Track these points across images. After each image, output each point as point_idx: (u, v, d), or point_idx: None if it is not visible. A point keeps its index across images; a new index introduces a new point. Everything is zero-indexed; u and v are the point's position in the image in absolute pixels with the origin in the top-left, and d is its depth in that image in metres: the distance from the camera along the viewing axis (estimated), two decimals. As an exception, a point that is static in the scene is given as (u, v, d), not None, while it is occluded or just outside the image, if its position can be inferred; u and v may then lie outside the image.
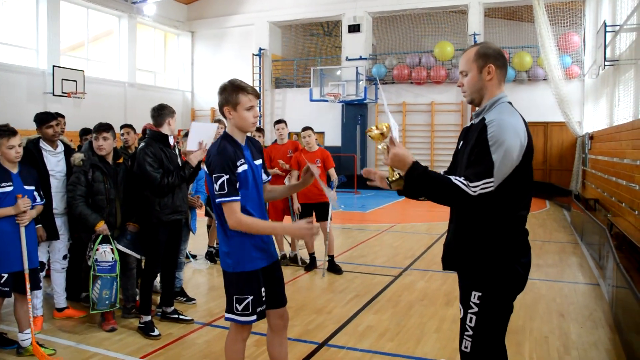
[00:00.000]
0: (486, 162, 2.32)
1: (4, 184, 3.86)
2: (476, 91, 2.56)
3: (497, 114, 2.44)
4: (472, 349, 2.56)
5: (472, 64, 2.54)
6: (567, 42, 16.46)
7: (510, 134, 2.34)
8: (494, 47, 2.58)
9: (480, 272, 2.51)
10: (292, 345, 4.35)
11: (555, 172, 17.71)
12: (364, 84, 19.15)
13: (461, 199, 2.33)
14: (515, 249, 2.50)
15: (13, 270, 3.90)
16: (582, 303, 5.68)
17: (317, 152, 6.95)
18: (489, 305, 2.51)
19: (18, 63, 16.09)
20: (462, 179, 2.33)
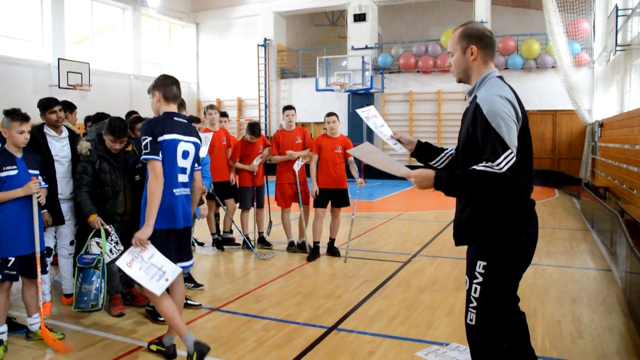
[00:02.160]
0: (495, 138, 2.33)
1: (9, 167, 3.85)
2: (462, 71, 2.64)
3: (485, 90, 2.49)
4: (477, 321, 2.56)
5: (457, 45, 2.61)
6: (577, 28, 16.25)
7: (501, 103, 2.38)
8: (478, 27, 2.61)
9: (486, 243, 2.52)
10: (301, 329, 4.32)
11: (564, 161, 17.57)
12: (370, 74, 19.03)
13: (493, 181, 2.32)
14: (520, 219, 2.51)
15: (20, 253, 3.88)
16: (594, 288, 5.61)
17: (339, 138, 6.91)
18: (494, 275, 2.51)
19: (24, 56, 16.09)
20: (483, 163, 2.33)
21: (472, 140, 2.47)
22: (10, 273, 3.84)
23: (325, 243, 7.08)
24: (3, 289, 3.87)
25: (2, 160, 3.85)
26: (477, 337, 2.60)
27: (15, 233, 3.84)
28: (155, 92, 3.78)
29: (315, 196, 6.84)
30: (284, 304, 5.00)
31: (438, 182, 2.44)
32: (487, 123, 2.35)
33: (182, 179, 3.72)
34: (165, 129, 3.63)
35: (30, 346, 4.01)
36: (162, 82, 3.80)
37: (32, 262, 3.94)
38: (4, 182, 3.82)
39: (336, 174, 6.79)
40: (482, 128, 2.37)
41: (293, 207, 7.35)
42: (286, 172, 7.14)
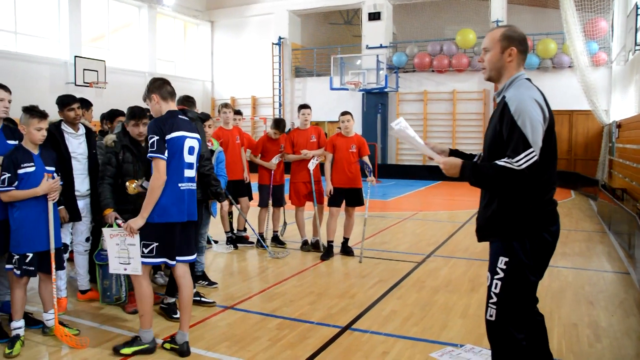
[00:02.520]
0: (518, 136, 2.41)
1: (26, 164, 3.89)
2: (495, 69, 2.70)
3: (514, 90, 2.57)
4: (497, 316, 2.61)
5: (497, 43, 2.67)
6: (594, 27, 16.05)
7: (529, 103, 2.46)
8: (520, 31, 2.71)
9: (509, 239, 2.57)
10: (315, 329, 4.31)
11: (581, 162, 17.38)
12: (384, 73, 18.96)
13: (511, 177, 2.41)
14: (543, 217, 2.58)
15: (38, 250, 3.91)
16: (612, 291, 5.54)
17: (354, 137, 6.89)
18: (515, 271, 2.56)
19: (41, 54, 16.25)
20: (504, 159, 2.43)
21: (498, 138, 2.54)
22: (28, 269, 3.89)
23: (339, 242, 7.07)
24: (21, 284, 3.91)
25: (20, 158, 3.88)
26: (496, 333, 2.64)
27: (32, 229, 3.87)
28: (152, 96, 3.85)
29: (330, 195, 6.83)
30: (298, 303, 4.99)
31: (463, 171, 2.55)
32: (513, 121, 2.44)
33: (189, 174, 3.86)
34: (173, 127, 3.76)
35: (47, 341, 4.04)
36: (154, 85, 3.88)
37: (48, 258, 3.98)
38: (21, 179, 3.86)
39: (351, 173, 6.77)
40: (508, 126, 2.46)
41: (307, 206, 7.34)
42: (301, 171, 7.14)
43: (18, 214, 3.86)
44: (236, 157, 7.21)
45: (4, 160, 3.87)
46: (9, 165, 3.84)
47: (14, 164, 3.85)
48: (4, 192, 3.81)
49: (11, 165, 3.84)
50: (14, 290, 3.92)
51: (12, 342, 3.80)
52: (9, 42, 15.68)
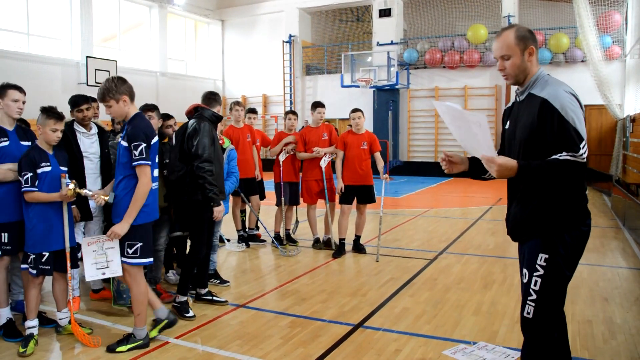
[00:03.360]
0: (572, 130, 2.45)
1: (44, 164, 3.93)
2: (521, 72, 2.68)
3: (550, 86, 2.58)
4: (534, 314, 2.61)
5: (515, 47, 2.64)
6: (608, 21, 15.82)
7: (570, 100, 2.52)
8: (526, 27, 2.72)
9: (550, 235, 2.59)
10: (327, 326, 4.30)
11: (594, 157, 17.18)
12: (395, 69, 18.88)
13: (576, 169, 2.44)
14: (581, 212, 2.61)
15: (53, 249, 3.95)
16: (627, 288, 5.47)
17: (365, 135, 6.88)
18: (556, 267, 2.58)
19: (53, 54, 16.39)
20: (564, 153, 2.43)
21: (537, 134, 2.55)
22: (45, 268, 3.93)
23: (350, 240, 7.05)
24: (36, 283, 3.94)
25: (38, 157, 3.92)
26: (534, 331, 2.63)
27: (48, 229, 3.90)
28: (122, 97, 3.81)
29: (341, 193, 6.82)
30: (310, 301, 4.99)
31: (522, 171, 2.46)
32: (562, 117, 2.47)
33: (156, 174, 3.97)
34: (153, 132, 3.89)
35: (60, 340, 4.08)
36: (124, 86, 3.86)
37: (63, 257, 4.01)
38: (40, 178, 3.89)
39: (362, 171, 6.75)
40: (557, 123, 2.47)
41: (319, 204, 7.33)
42: (313, 168, 7.13)
43: (34, 213, 3.89)
44: (247, 155, 7.22)
45: (22, 160, 3.90)
46: (28, 164, 3.88)
47: (33, 163, 3.88)
48: (28, 192, 3.85)
49: (30, 164, 3.88)
50: (28, 290, 3.95)
51: (26, 341, 3.83)
52: (21, 43, 15.83)
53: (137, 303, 3.90)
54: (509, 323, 4.34)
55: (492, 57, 18.25)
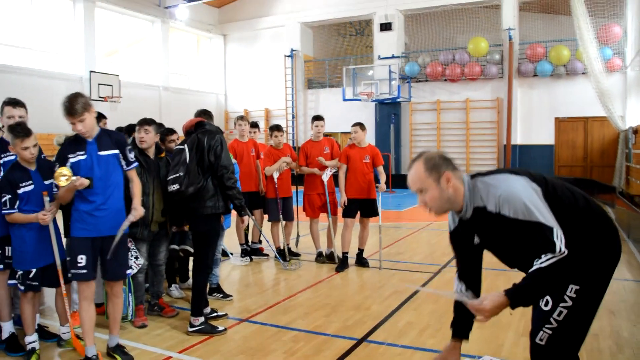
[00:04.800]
0: (539, 227, 2.28)
1: (25, 183, 3.82)
2: (445, 202, 2.48)
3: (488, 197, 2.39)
4: (548, 342, 2.44)
5: (427, 179, 2.45)
6: (608, 33, 15.90)
7: (518, 193, 2.33)
8: (433, 152, 2.52)
9: (580, 265, 2.40)
10: (330, 341, 4.27)
11: (597, 169, 17.17)
12: (397, 83, 18.95)
13: (562, 266, 2.27)
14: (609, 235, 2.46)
15: (40, 265, 3.88)
16: (634, 300, 5.43)
17: (367, 148, 6.89)
18: (586, 299, 2.41)
19: (57, 69, 16.49)
20: (546, 257, 2.27)
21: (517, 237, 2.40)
22: (32, 284, 3.87)
23: (354, 254, 7.03)
24: (27, 298, 3.90)
25: (18, 177, 3.80)
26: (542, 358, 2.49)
27: (36, 246, 3.84)
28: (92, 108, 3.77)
29: (344, 206, 6.81)
30: (313, 315, 4.96)
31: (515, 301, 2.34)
32: (519, 221, 2.30)
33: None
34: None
35: (62, 355, 4.05)
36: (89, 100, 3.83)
37: (54, 272, 3.93)
38: (22, 199, 3.79)
39: (365, 184, 6.75)
40: (520, 228, 2.32)
41: (321, 218, 7.31)
42: (315, 182, 7.12)
43: (19, 232, 3.82)
44: (251, 169, 7.22)
45: (2, 181, 3.81)
46: (7, 186, 3.77)
47: (11, 184, 3.77)
48: (8, 214, 3.78)
49: (9, 185, 3.77)
50: (22, 306, 3.93)
51: (28, 356, 3.82)
52: (25, 58, 15.93)
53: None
54: (514, 336, 4.30)
55: (493, 70, 18.46)
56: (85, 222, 3.72)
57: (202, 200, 4.51)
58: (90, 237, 3.74)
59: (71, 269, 3.75)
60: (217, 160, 4.50)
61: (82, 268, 3.71)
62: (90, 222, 3.73)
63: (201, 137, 4.57)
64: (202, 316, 4.50)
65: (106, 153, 3.78)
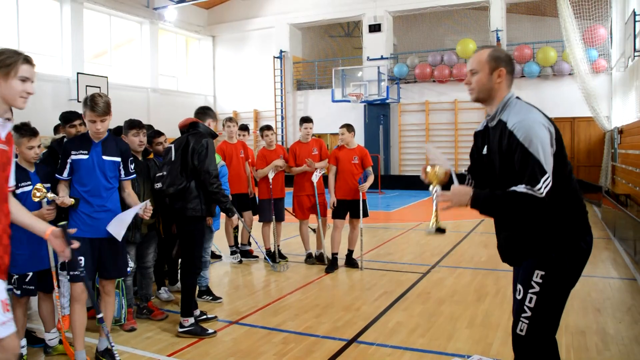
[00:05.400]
0: (533, 162, 2.38)
1: (23, 183, 3.81)
2: (485, 91, 2.64)
3: (516, 115, 2.51)
4: (527, 331, 2.54)
5: (485, 64, 2.62)
6: (593, 35, 16.08)
7: (537, 127, 2.43)
8: (506, 52, 2.68)
9: (546, 252, 2.52)
10: (320, 342, 4.28)
11: (584, 168, 17.33)
12: (386, 84, 19.02)
13: (533, 204, 2.39)
14: (579, 227, 2.55)
15: (37, 269, 3.87)
16: (619, 298, 5.50)
17: (356, 149, 6.91)
18: (552, 285, 2.52)
19: (44, 71, 16.34)
20: (523, 186, 2.38)
21: (509, 164, 2.51)
22: (28, 288, 3.86)
23: (343, 255, 7.05)
24: (21, 303, 3.89)
25: (17, 177, 3.77)
26: (526, 348, 2.57)
27: (32, 249, 3.81)
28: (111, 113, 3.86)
29: (334, 207, 6.83)
30: (303, 316, 4.97)
31: (476, 200, 2.48)
32: (524, 148, 2.40)
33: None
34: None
35: (51, 360, 4.03)
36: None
37: (48, 277, 3.93)
38: (20, 199, 3.78)
39: (354, 185, 6.77)
40: (520, 153, 2.42)
41: (311, 219, 7.32)
42: (304, 183, 7.13)
43: (16, 233, 3.80)
44: (240, 171, 7.21)
45: None
46: None
47: None
48: None
49: None
50: (14, 310, 3.89)
51: (17, 361, 3.78)
52: (12, 60, 15.78)
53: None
54: (503, 335, 4.34)
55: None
56: (84, 224, 3.76)
57: (184, 202, 4.52)
58: (89, 238, 3.76)
59: (70, 270, 3.75)
60: (200, 165, 4.47)
61: (82, 269, 3.73)
62: (90, 223, 3.78)
63: (190, 139, 4.57)
64: (191, 317, 4.49)
65: (109, 158, 3.85)
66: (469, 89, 2.69)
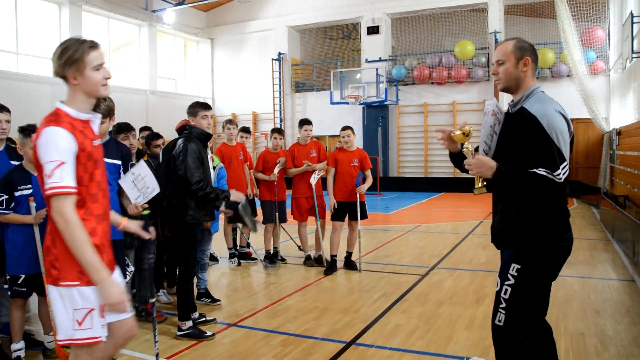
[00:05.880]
0: (554, 150, 2.51)
1: (23, 186, 3.80)
2: (512, 80, 2.75)
3: (540, 104, 2.63)
4: (505, 322, 2.65)
5: (510, 54, 2.73)
6: (591, 36, 16.12)
7: (558, 119, 2.57)
8: (529, 42, 2.79)
9: (523, 247, 2.64)
10: (319, 344, 4.28)
11: (582, 170, 17.35)
12: (384, 86, 19.03)
13: (550, 187, 2.50)
14: (558, 226, 2.64)
15: (30, 272, 3.84)
16: (618, 299, 5.50)
17: (355, 152, 6.92)
18: (526, 279, 2.62)
19: (42, 74, 16.34)
20: (543, 170, 2.49)
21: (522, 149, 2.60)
22: (19, 290, 3.83)
23: (342, 257, 7.04)
24: (16, 305, 3.87)
25: (18, 179, 3.79)
26: (503, 339, 2.66)
27: (25, 251, 3.80)
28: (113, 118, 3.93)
29: (334, 210, 6.82)
30: (302, 318, 4.96)
31: (499, 174, 2.56)
32: (547, 135, 2.52)
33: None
34: None
35: (50, 363, 4.02)
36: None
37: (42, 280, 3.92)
38: (18, 201, 3.78)
39: (353, 187, 6.77)
40: (541, 140, 2.53)
41: (309, 221, 7.32)
42: (302, 185, 7.13)
43: (11, 235, 3.80)
44: (239, 173, 7.21)
45: (1, 181, 3.81)
46: (4, 186, 3.76)
47: (9, 185, 3.76)
48: (2, 214, 3.77)
49: (7, 186, 3.76)
50: (11, 312, 3.88)
51: (15, 364, 3.78)
52: (10, 62, 15.80)
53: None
54: (502, 337, 4.33)
55: (479, 73, 18.58)
56: None
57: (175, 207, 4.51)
58: None
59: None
60: (179, 172, 4.39)
61: None
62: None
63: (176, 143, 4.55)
64: (189, 320, 4.49)
65: (110, 161, 3.86)
66: (496, 79, 2.81)
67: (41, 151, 2.27)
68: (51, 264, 2.35)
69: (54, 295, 2.35)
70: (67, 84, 2.48)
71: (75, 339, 2.34)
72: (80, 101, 2.47)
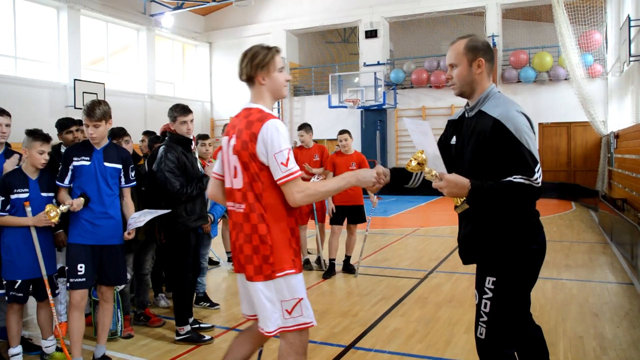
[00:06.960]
0: (526, 154, 2.37)
1: (20, 189, 3.78)
2: (466, 84, 2.59)
3: (502, 107, 2.46)
4: (487, 335, 2.55)
5: (462, 57, 2.56)
6: (589, 40, 16.18)
7: (523, 121, 2.42)
8: (483, 40, 2.62)
9: (495, 258, 2.53)
10: (318, 348, 4.27)
11: (580, 173, 17.38)
12: (382, 90, 19.05)
13: (530, 193, 2.36)
14: (529, 230, 2.53)
15: (27, 277, 3.82)
16: (616, 303, 5.50)
17: (353, 155, 6.93)
18: (503, 290, 2.51)
19: (40, 78, 16.35)
20: (519, 177, 2.34)
21: (488, 156, 2.46)
22: (16, 295, 3.81)
23: (341, 260, 7.04)
24: (13, 310, 3.85)
25: (15, 182, 3.77)
26: (486, 352, 2.59)
27: (22, 256, 3.78)
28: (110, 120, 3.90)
29: (332, 214, 6.82)
30: (300, 322, 4.94)
31: (474, 191, 2.35)
32: (516, 140, 2.38)
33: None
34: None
35: (47, 367, 4.01)
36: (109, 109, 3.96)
37: (42, 284, 3.89)
38: (13, 205, 3.76)
39: (352, 191, 6.76)
40: (511, 145, 2.38)
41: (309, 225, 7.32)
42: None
43: (7, 239, 3.78)
44: None
45: None
46: (1, 188, 3.75)
47: (5, 187, 3.74)
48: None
49: (3, 188, 3.74)
50: (7, 316, 3.87)
51: (12, 370, 3.76)
52: (9, 67, 15.79)
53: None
54: (501, 341, 4.32)
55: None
56: (85, 230, 3.77)
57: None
58: (89, 244, 3.77)
59: (70, 277, 3.74)
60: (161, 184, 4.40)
61: (81, 277, 3.73)
62: (91, 230, 3.78)
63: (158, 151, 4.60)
64: (187, 325, 4.47)
65: (110, 165, 3.87)
66: (451, 84, 2.64)
67: (273, 140, 2.52)
68: (264, 259, 2.55)
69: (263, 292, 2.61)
70: (253, 86, 2.76)
71: (288, 326, 2.66)
72: (268, 100, 2.74)
